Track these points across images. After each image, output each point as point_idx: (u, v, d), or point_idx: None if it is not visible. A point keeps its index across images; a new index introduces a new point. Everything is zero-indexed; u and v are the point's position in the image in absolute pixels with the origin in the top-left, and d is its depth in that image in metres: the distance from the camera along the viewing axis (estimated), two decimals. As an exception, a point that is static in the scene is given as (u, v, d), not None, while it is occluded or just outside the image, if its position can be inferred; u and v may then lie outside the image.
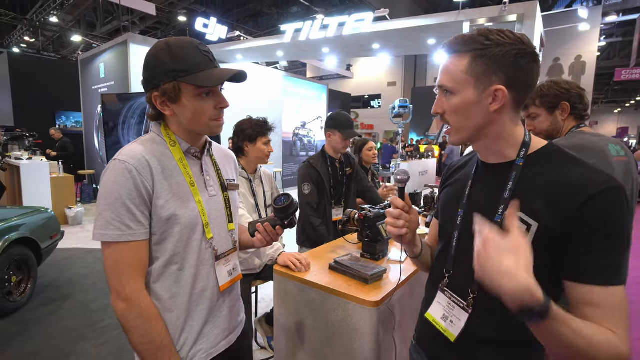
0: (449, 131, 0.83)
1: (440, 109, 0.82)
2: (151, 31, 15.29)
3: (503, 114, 0.78)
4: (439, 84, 0.81)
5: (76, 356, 2.35)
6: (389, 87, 19.86)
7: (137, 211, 0.82)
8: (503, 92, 0.75)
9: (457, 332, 0.81)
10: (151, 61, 0.87)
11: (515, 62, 0.73)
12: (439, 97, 0.82)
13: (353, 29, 6.55)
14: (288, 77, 9.75)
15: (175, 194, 0.87)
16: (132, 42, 6.41)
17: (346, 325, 1.24)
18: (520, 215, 0.74)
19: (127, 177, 0.81)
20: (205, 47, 0.89)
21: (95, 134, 7.59)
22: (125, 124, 5.54)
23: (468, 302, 0.81)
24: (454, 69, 0.78)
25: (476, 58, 0.74)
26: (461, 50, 0.77)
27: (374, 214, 1.61)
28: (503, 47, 0.73)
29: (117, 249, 0.81)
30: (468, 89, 0.76)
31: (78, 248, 4.55)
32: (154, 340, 0.83)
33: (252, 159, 2.04)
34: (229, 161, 1.11)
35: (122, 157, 0.83)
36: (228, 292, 1.01)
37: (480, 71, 0.74)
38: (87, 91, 7.91)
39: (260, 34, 14.46)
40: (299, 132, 10.06)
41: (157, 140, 0.92)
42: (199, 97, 0.86)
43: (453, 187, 0.94)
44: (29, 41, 15.36)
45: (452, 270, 0.87)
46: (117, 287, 0.81)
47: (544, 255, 0.72)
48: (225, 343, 1.00)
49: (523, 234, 0.62)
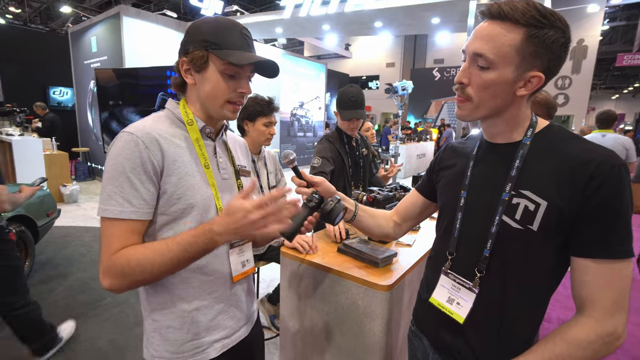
0: (463, 103, 0.77)
1: (467, 79, 0.75)
2: (144, 4, 14.70)
3: (524, 99, 0.75)
4: (476, 51, 0.72)
5: (77, 333, 2.36)
6: (387, 68, 19.51)
7: (142, 187, 0.76)
8: (539, 80, 0.71)
9: (465, 314, 0.81)
10: (192, 29, 0.85)
11: (559, 51, 0.69)
12: (467, 65, 0.75)
13: (355, 5, 6.35)
14: (287, 55, 9.50)
15: (188, 174, 0.83)
16: (125, 15, 6.14)
17: (356, 308, 1.23)
18: (529, 194, 0.73)
19: (133, 149, 0.76)
20: (248, 32, 0.88)
21: (89, 110, 7.39)
22: (123, 101, 5.38)
23: (474, 282, 0.80)
24: (502, 40, 0.69)
25: (530, 36, 0.67)
26: (516, 19, 0.68)
27: (383, 196, 1.59)
28: (555, 32, 0.68)
29: (115, 225, 0.75)
30: (509, 66, 0.70)
31: (75, 226, 4.50)
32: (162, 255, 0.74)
33: (253, 139, 1.97)
34: (241, 148, 1.08)
35: (129, 129, 0.78)
36: (242, 282, 0.98)
37: (530, 52, 0.68)
38: (79, 66, 7.63)
39: (256, 10, 13.99)
40: (297, 112, 9.92)
41: (171, 117, 0.88)
42: (222, 74, 0.83)
43: (452, 169, 0.92)
44: (15, 12, 14.69)
45: (455, 253, 0.85)
46: (103, 261, 0.75)
47: (553, 237, 0.72)
48: (240, 334, 0.98)
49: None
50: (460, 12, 2.92)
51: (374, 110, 19.43)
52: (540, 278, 0.75)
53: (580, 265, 0.70)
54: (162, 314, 0.86)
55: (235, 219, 0.71)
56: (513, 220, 0.74)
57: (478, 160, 0.85)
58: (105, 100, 5.55)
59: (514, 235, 0.74)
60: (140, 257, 0.73)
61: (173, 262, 0.74)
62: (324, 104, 11.04)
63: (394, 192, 1.74)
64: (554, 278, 0.77)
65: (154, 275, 0.75)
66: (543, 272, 0.75)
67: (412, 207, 1.08)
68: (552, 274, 0.76)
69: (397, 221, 1.10)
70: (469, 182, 0.84)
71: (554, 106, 1.71)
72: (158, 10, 12.70)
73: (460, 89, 0.77)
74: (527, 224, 0.72)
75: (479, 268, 0.79)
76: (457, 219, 0.84)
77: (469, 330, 0.81)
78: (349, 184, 2.17)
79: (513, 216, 0.74)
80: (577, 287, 0.71)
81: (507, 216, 0.75)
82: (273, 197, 0.73)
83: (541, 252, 0.73)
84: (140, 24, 6.36)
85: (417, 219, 1.10)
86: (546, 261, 0.74)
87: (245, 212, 0.71)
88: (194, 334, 0.87)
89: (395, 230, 1.11)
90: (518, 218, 0.73)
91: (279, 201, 0.73)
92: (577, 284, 0.71)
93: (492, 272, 0.78)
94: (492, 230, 0.77)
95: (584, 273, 0.70)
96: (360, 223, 1.09)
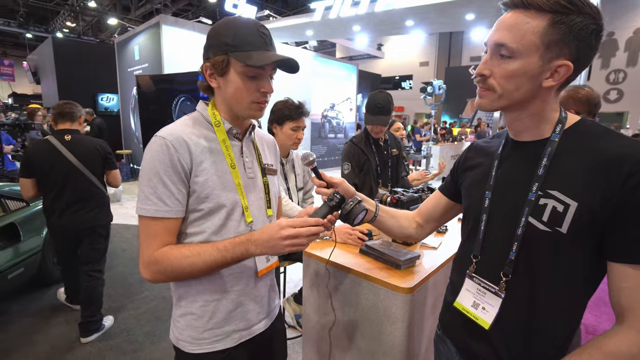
0: (485, 92, 0.73)
1: (488, 70, 0.71)
2: (183, 13, 15.45)
3: (551, 91, 0.71)
4: (497, 41, 0.69)
5: (118, 323, 2.52)
6: (421, 67, 19.07)
7: (174, 188, 0.82)
8: (567, 69, 0.66)
9: (490, 320, 0.77)
10: (212, 33, 0.88)
11: (589, 38, 0.64)
12: (488, 57, 0.71)
13: (386, 4, 6.28)
14: (318, 57, 9.57)
15: (215, 174, 0.88)
16: (164, 24, 6.49)
17: (376, 310, 1.21)
18: (557, 195, 0.68)
19: (165, 152, 0.82)
20: (266, 29, 0.88)
21: (132, 114, 7.88)
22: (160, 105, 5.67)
23: (500, 286, 0.76)
24: (524, 27, 0.65)
25: (555, 22, 0.64)
26: (540, 5, 0.64)
27: (407, 198, 1.55)
28: (584, 18, 0.63)
29: (151, 223, 0.83)
30: (534, 55, 0.66)
31: (117, 224, 4.81)
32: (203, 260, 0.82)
33: (280, 142, 1.99)
34: (269, 146, 1.11)
35: (160, 134, 0.84)
36: (265, 277, 1.01)
37: (555, 39, 0.64)
38: (124, 73, 8.18)
39: (289, 14, 14.23)
40: (328, 114, 9.95)
41: (199, 119, 0.92)
42: (243, 76, 0.85)
43: (476, 169, 0.88)
44: (71, 26, 16.03)
45: (479, 255, 0.82)
46: (144, 256, 0.83)
47: (585, 237, 0.67)
48: (260, 326, 1.00)
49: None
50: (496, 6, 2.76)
51: (407, 110, 19.05)
52: (573, 283, 0.70)
53: (618, 270, 0.65)
54: (187, 301, 0.92)
55: (270, 233, 0.80)
56: (540, 222, 0.70)
57: (503, 159, 0.81)
58: (145, 104, 5.89)
59: (541, 238, 0.70)
60: (182, 259, 0.81)
61: (211, 266, 0.82)
62: (355, 105, 10.98)
63: (420, 192, 1.70)
64: (589, 283, 0.72)
65: (193, 275, 0.84)
66: (575, 277, 0.70)
67: (435, 208, 1.05)
68: (585, 278, 0.71)
69: (419, 222, 1.08)
70: (493, 182, 0.80)
71: (598, 102, 1.58)
72: (195, 18, 13.31)
73: (482, 80, 0.73)
74: (556, 226, 0.68)
75: (505, 272, 0.75)
76: (482, 220, 0.81)
77: (495, 336, 0.78)
78: (377, 182, 2.15)
79: (540, 218, 0.70)
80: (616, 295, 0.66)
81: (533, 217, 0.71)
82: (305, 222, 0.80)
83: (572, 256, 0.69)
84: (178, 32, 6.69)
85: (440, 220, 1.07)
86: (578, 265, 0.69)
87: (279, 228, 0.79)
88: (214, 322, 0.92)
89: (418, 232, 1.09)
90: (545, 220, 0.69)
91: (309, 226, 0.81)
92: (615, 291, 0.66)
93: (519, 276, 0.74)
94: (518, 232, 0.73)
95: (623, 279, 0.64)
96: (381, 224, 1.08)
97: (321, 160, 9.54)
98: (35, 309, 2.68)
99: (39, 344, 2.28)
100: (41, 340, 2.32)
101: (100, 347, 2.27)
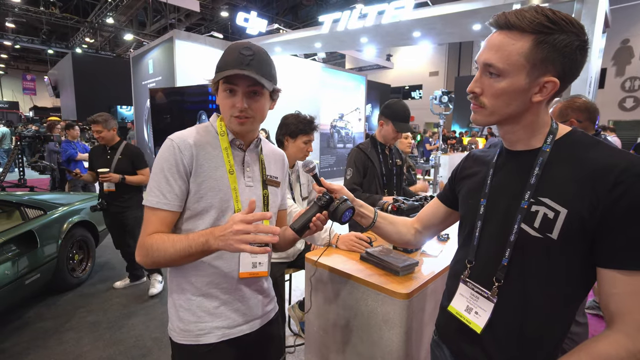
0: (478, 109, 0.78)
1: (479, 89, 0.76)
2: (196, 27, 15.92)
3: (541, 104, 0.74)
4: (485, 61, 0.73)
5: (128, 329, 2.58)
6: (430, 77, 19.11)
7: (175, 184, 0.92)
8: (554, 85, 0.70)
9: (482, 324, 0.79)
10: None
11: (574, 54, 0.68)
12: (479, 75, 0.76)
13: (393, 16, 6.35)
14: (326, 68, 9.71)
15: (211, 177, 0.95)
16: (177, 38, 6.72)
17: (375, 315, 1.23)
18: (548, 202, 0.71)
19: (171, 152, 0.93)
20: (248, 50, 0.92)
21: (145, 126, 8.10)
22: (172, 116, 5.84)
23: (492, 291, 0.78)
24: (510, 49, 0.69)
25: (539, 42, 0.67)
26: (523, 27, 0.68)
27: (408, 206, 1.58)
28: (567, 36, 0.67)
29: (151, 212, 0.93)
30: (520, 74, 0.70)
31: (130, 232, 4.93)
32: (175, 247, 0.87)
33: (290, 154, 2.05)
34: (277, 160, 1.16)
35: (171, 136, 0.95)
36: (250, 280, 1.04)
37: (540, 58, 0.68)
38: (138, 86, 8.45)
39: (299, 26, 14.52)
40: (337, 124, 10.02)
41: (209, 129, 1.02)
42: (222, 92, 0.95)
43: (473, 177, 0.91)
44: (89, 42, 16.66)
45: (474, 261, 0.84)
46: (140, 240, 0.92)
47: (576, 244, 0.69)
48: (246, 328, 1.04)
49: None
50: (502, 16, 2.77)
51: (417, 120, 19.04)
52: (564, 288, 0.72)
53: (607, 276, 0.67)
54: (177, 295, 1.01)
55: (225, 227, 0.82)
56: (532, 229, 0.72)
57: (498, 168, 0.84)
58: (158, 116, 6.06)
59: (533, 244, 0.72)
60: (159, 244, 0.89)
61: (180, 254, 0.87)
62: (364, 116, 11.05)
63: (422, 201, 1.72)
64: (580, 288, 0.73)
65: (167, 261, 0.89)
66: (566, 282, 0.72)
67: (433, 215, 1.08)
68: (576, 284, 0.72)
69: (418, 229, 1.11)
70: (488, 190, 0.83)
71: (595, 109, 1.61)
72: (207, 32, 13.69)
73: (474, 97, 0.78)
74: (546, 232, 0.70)
75: (497, 277, 0.77)
76: (477, 227, 0.84)
77: (487, 340, 0.79)
78: (382, 191, 2.19)
79: (532, 224, 0.72)
80: (606, 300, 0.67)
81: (525, 224, 0.73)
82: (255, 217, 0.81)
83: (563, 261, 0.71)
84: (190, 46, 6.91)
85: (439, 227, 1.09)
86: (569, 271, 0.71)
87: (232, 222, 0.81)
88: (198, 317, 0.98)
89: (417, 238, 1.12)
90: (537, 226, 0.71)
91: (257, 222, 0.81)
92: (605, 296, 0.67)
93: (511, 281, 0.76)
94: (511, 238, 0.75)
95: (612, 285, 0.66)
96: (379, 229, 1.12)
97: (329, 170, 9.59)
98: (50, 315, 2.76)
99: (52, 349, 2.35)
100: (54, 345, 2.39)
101: (110, 352, 2.33)
